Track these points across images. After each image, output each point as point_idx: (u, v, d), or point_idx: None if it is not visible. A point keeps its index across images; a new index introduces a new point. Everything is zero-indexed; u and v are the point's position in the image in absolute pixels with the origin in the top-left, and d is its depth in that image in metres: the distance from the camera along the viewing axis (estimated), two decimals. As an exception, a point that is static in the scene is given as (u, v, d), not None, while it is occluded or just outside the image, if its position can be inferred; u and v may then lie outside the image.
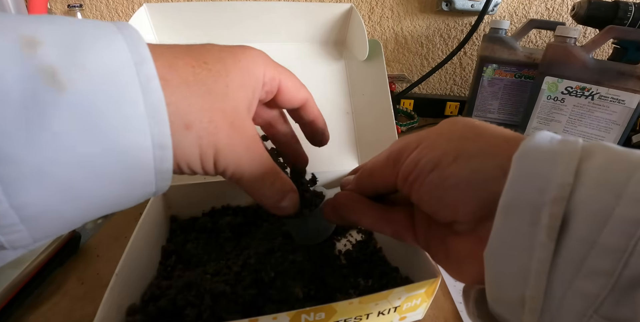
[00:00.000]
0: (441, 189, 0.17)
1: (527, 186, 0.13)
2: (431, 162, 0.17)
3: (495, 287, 0.15)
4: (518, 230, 0.13)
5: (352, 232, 0.38)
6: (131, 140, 0.14)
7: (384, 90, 0.40)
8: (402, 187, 0.19)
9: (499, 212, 0.14)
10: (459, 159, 0.16)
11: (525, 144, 0.14)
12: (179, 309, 0.26)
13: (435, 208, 0.18)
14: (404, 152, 0.19)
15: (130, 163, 0.14)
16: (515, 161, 0.14)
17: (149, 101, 0.14)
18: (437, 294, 0.31)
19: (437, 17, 0.79)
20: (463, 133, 0.18)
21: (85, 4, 0.80)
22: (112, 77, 0.13)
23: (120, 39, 0.14)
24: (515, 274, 0.14)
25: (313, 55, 0.44)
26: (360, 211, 0.22)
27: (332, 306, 0.22)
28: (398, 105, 0.79)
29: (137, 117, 0.14)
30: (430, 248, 0.21)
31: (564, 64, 0.54)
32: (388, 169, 0.20)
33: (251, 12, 0.40)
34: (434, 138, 0.18)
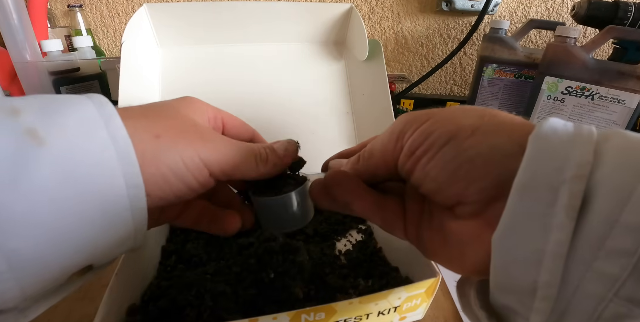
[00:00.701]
0: (455, 163, 0.16)
1: (544, 165, 0.13)
2: (446, 135, 0.16)
3: (503, 274, 0.14)
4: (534, 210, 0.13)
5: (352, 232, 0.38)
6: (106, 182, 0.15)
7: (384, 90, 0.40)
8: (404, 164, 0.18)
9: (514, 191, 0.14)
10: (476, 133, 0.16)
11: (541, 125, 0.14)
12: (179, 309, 0.26)
13: (442, 185, 0.17)
14: (411, 125, 0.18)
15: (107, 203, 0.15)
16: (532, 140, 0.14)
17: (118, 148, 0.16)
18: (437, 294, 0.31)
19: (437, 17, 0.79)
20: (478, 111, 0.17)
21: (85, 4, 0.80)
22: (84, 131, 0.15)
23: (89, 102, 0.16)
24: (528, 259, 0.13)
25: (313, 55, 0.45)
26: (355, 192, 0.20)
27: (332, 306, 0.22)
28: (398, 105, 0.79)
29: (110, 162, 0.15)
30: (421, 240, 0.19)
31: (564, 64, 0.54)
32: (391, 145, 0.19)
33: (251, 12, 0.40)
34: (448, 113, 0.18)
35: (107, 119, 0.16)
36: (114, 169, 0.15)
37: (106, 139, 0.15)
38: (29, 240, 0.14)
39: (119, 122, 0.16)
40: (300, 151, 0.41)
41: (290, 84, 0.43)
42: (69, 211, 0.14)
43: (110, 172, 0.15)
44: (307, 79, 0.44)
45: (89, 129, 0.15)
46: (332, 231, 0.37)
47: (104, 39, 0.85)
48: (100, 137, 0.15)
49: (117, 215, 0.16)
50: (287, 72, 0.44)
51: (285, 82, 0.43)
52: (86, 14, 0.81)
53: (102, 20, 0.83)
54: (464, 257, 0.17)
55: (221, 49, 0.42)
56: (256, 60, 0.43)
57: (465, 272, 0.18)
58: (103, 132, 0.15)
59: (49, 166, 0.14)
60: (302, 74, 0.44)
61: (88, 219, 0.15)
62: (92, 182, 0.15)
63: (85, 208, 0.15)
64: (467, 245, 0.17)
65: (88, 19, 0.82)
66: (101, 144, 0.15)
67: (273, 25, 0.42)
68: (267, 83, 0.43)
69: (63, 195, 0.14)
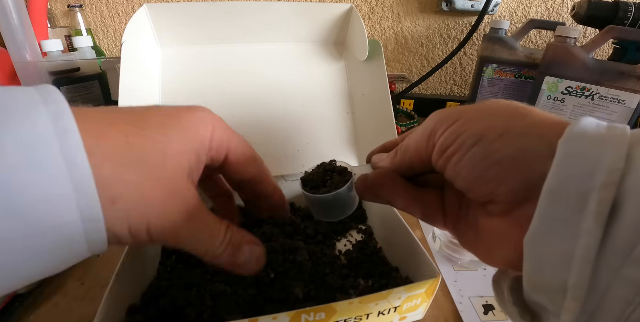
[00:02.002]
0: (484, 164, 0.16)
1: (574, 170, 0.13)
2: (475, 136, 0.16)
3: (535, 274, 0.14)
4: (563, 215, 0.13)
5: (352, 232, 0.38)
6: (57, 215, 0.13)
7: (384, 90, 0.40)
8: (436, 162, 0.18)
9: (544, 196, 0.14)
10: (505, 135, 0.16)
11: (571, 128, 0.14)
12: (179, 309, 0.26)
13: (472, 185, 0.17)
14: (442, 124, 0.18)
15: (58, 238, 0.14)
16: (562, 144, 0.14)
17: (74, 175, 0.13)
18: (437, 294, 0.31)
19: (437, 17, 0.79)
20: (509, 111, 0.17)
21: (85, 4, 0.80)
22: (32, 153, 0.13)
23: (43, 111, 0.13)
24: (558, 261, 0.13)
25: (313, 55, 0.45)
26: (396, 191, 0.21)
27: (332, 306, 0.22)
28: (398, 105, 0.79)
29: (62, 192, 0.13)
30: (458, 231, 0.20)
31: (564, 64, 0.54)
32: (424, 142, 0.19)
33: (251, 12, 0.40)
34: (478, 112, 0.18)
35: (63, 137, 0.13)
36: (69, 201, 0.13)
37: (60, 166, 0.13)
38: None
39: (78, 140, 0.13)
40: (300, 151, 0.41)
41: (290, 84, 0.43)
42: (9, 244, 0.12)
43: (64, 205, 0.13)
44: (307, 79, 0.44)
45: (38, 151, 0.13)
46: (332, 231, 0.37)
47: (104, 39, 0.85)
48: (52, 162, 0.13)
49: (70, 248, 0.14)
50: (287, 72, 0.44)
51: (285, 82, 0.43)
52: (86, 14, 0.81)
53: (102, 20, 0.83)
54: (493, 252, 0.18)
55: (221, 49, 0.42)
56: (256, 60, 0.43)
57: (495, 265, 0.18)
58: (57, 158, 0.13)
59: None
60: (302, 74, 0.44)
61: (34, 252, 0.13)
62: (40, 214, 0.13)
63: (31, 242, 0.13)
64: (496, 241, 0.17)
65: (88, 19, 0.82)
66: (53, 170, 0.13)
67: (273, 25, 0.42)
68: (267, 83, 0.43)
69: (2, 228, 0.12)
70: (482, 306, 0.30)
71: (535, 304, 0.15)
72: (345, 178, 0.25)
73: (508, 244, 0.16)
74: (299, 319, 0.22)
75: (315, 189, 0.25)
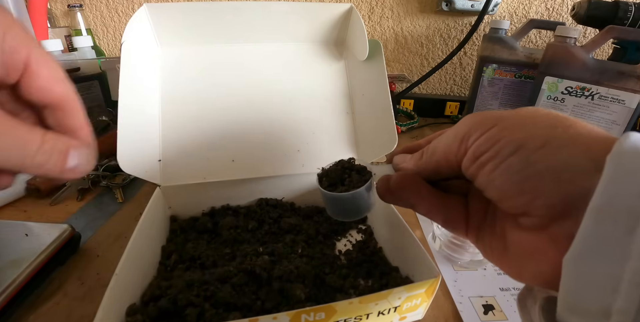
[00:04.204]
0: (522, 174, 0.15)
1: (624, 189, 0.12)
2: (514, 144, 0.16)
3: (574, 296, 0.14)
4: (610, 236, 0.12)
5: (352, 232, 0.38)
6: None
7: (384, 90, 0.40)
8: (467, 168, 0.18)
9: (589, 215, 0.13)
10: (547, 146, 0.15)
11: (621, 143, 0.13)
12: (179, 309, 0.26)
13: (506, 195, 0.16)
14: (477, 129, 0.17)
15: None
16: (611, 160, 0.13)
17: None
18: (437, 294, 0.31)
19: (437, 17, 0.79)
20: (551, 120, 0.16)
21: (85, 4, 0.80)
22: None
23: None
24: (602, 284, 0.13)
25: (313, 55, 0.45)
26: (420, 195, 0.21)
27: (332, 306, 0.22)
28: (398, 105, 0.79)
29: None
30: (482, 241, 0.19)
31: (564, 64, 0.54)
32: (455, 146, 0.18)
33: (251, 12, 0.40)
34: (518, 119, 0.17)
35: None
36: None
37: None
38: None
39: None
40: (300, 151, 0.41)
41: (290, 84, 0.43)
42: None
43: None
44: (307, 79, 0.44)
45: None
46: (332, 231, 0.37)
47: (104, 39, 0.85)
48: None
49: None
50: (287, 72, 0.44)
51: (285, 82, 0.43)
52: (86, 14, 0.81)
53: (102, 20, 0.83)
54: (523, 268, 0.17)
55: (221, 49, 0.42)
56: (256, 60, 0.43)
57: (523, 281, 0.18)
58: None
59: None
60: (302, 74, 0.44)
61: None
62: None
63: None
64: (528, 258, 0.16)
65: (88, 19, 0.82)
66: None
67: (273, 25, 0.42)
68: (267, 83, 0.43)
69: None
70: (482, 306, 0.30)
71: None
72: (364, 178, 0.24)
73: (541, 260, 0.16)
74: (299, 319, 0.22)
75: (333, 186, 0.25)
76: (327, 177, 0.25)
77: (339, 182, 0.25)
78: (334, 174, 0.25)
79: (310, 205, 0.41)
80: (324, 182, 0.25)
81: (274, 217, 0.38)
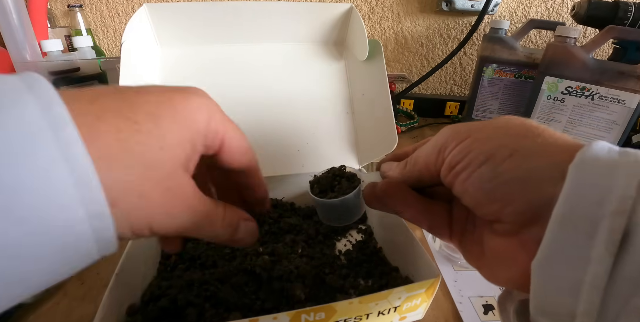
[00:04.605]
0: (492, 184, 0.16)
1: (585, 197, 0.13)
2: (484, 155, 0.16)
3: (542, 299, 0.14)
4: (572, 242, 0.13)
5: (352, 232, 0.38)
6: (61, 215, 0.12)
7: (384, 90, 0.40)
8: (445, 177, 0.18)
9: (553, 222, 0.13)
10: (515, 155, 0.16)
11: (583, 152, 0.14)
12: (179, 309, 0.26)
13: (479, 203, 0.17)
14: (452, 140, 0.18)
15: (66, 239, 0.13)
16: (573, 170, 0.13)
17: (73, 169, 0.12)
18: (437, 294, 0.31)
19: (437, 17, 0.79)
20: (521, 130, 0.17)
21: (85, 4, 0.80)
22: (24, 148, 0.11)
23: (30, 99, 0.12)
24: (567, 287, 0.13)
25: (313, 55, 0.45)
26: (405, 202, 0.22)
27: (332, 306, 0.22)
28: (398, 105, 0.79)
29: (63, 190, 0.12)
30: (464, 246, 0.20)
31: (564, 64, 0.54)
32: (433, 157, 0.19)
33: (251, 12, 0.40)
34: (489, 130, 0.18)
35: (56, 126, 0.12)
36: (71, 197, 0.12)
37: (56, 158, 0.12)
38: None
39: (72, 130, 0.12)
40: (300, 151, 0.41)
41: (290, 84, 0.43)
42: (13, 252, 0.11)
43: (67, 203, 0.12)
44: (307, 79, 0.44)
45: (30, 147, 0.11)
46: (332, 231, 0.37)
47: (104, 39, 0.85)
48: (48, 156, 0.12)
49: (78, 250, 0.13)
50: (287, 72, 0.44)
51: (285, 82, 0.43)
52: (86, 14, 0.81)
53: (102, 20, 0.83)
54: (497, 271, 0.18)
55: (221, 49, 0.42)
56: (256, 60, 0.43)
57: (498, 284, 0.18)
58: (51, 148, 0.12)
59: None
60: (302, 74, 0.44)
61: (44, 259, 0.12)
62: (43, 217, 0.12)
63: (39, 248, 0.12)
64: (501, 261, 0.17)
65: (88, 19, 0.82)
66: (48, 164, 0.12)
67: (273, 25, 0.42)
68: (267, 83, 0.43)
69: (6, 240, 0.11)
70: (482, 306, 0.30)
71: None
72: (353, 184, 0.25)
73: (513, 264, 0.16)
74: (299, 319, 0.22)
75: (323, 193, 0.26)
76: (319, 184, 0.26)
77: (329, 189, 0.26)
78: (325, 181, 0.26)
79: (310, 205, 0.41)
80: (315, 188, 0.26)
81: (274, 217, 0.38)
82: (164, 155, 0.16)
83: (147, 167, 0.15)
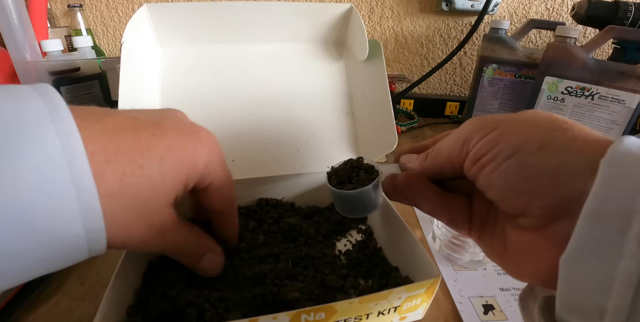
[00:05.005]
0: (519, 177, 0.16)
1: (617, 191, 0.13)
2: (512, 147, 0.16)
3: (571, 295, 0.14)
4: (604, 237, 0.13)
5: (352, 232, 0.38)
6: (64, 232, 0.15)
7: (384, 90, 0.40)
8: (469, 170, 0.18)
9: (583, 216, 0.13)
10: (544, 149, 0.15)
11: (615, 147, 0.14)
12: (179, 309, 0.26)
13: (505, 196, 0.17)
14: (477, 132, 0.18)
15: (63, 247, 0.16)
16: (605, 164, 0.13)
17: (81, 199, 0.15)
18: (437, 294, 0.31)
19: (437, 17, 0.79)
20: (549, 123, 0.17)
21: (85, 4, 0.80)
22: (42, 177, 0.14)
23: (53, 134, 0.15)
24: (597, 283, 0.13)
25: (313, 55, 0.45)
26: (425, 194, 0.21)
27: (332, 305, 0.22)
28: (398, 105, 0.79)
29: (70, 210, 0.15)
30: (484, 240, 0.20)
31: (564, 64, 0.54)
32: (457, 149, 0.19)
33: (251, 12, 0.40)
34: (516, 123, 0.17)
35: (71, 159, 0.15)
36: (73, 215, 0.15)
37: (68, 185, 0.15)
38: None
39: (85, 164, 0.15)
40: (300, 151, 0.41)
41: (290, 84, 0.43)
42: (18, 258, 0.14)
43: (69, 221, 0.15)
44: (307, 79, 0.44)
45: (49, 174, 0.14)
46: (332, 231, 0.37)
47: (104, 39, 0.85)
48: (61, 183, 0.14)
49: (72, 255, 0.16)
50: (287, 72, 0.44)
51: (285, 82, 0.43)
52: (86, 14, 0.81)
53: (102, 20, 0.83)
54: (521, 266, 0.17)
55: (221, 49, 0.42)
56: (256, 60, 0.43)
57: (522, 279, 0.18)
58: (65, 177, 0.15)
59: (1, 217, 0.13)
60: (302, 74, 0.44)
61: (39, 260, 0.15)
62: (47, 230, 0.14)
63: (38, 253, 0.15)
64: (525, 256, 0.17)
65: (88, 19, 0.82)
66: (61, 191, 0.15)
67: (273, 25, 0.42)
68: (266, 83, 0.43)
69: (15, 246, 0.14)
70: (482, 306, 0.30)
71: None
72: (371, 176, 0.25)
73: (538, 259, 0.16)
74: (299, 319, 0.22)
75: (341, 184, 0.26)
76: (336, 176, 0.26)
77: (347, 181, 0.26)
78: (342, 173, 0.26)
79: (310, 205, 0.41)
80: (333, 180, 0.26)
81: (274, 217, 0.38)
82: (157, 197, 0.19)
83: (140, 205, 0.18)
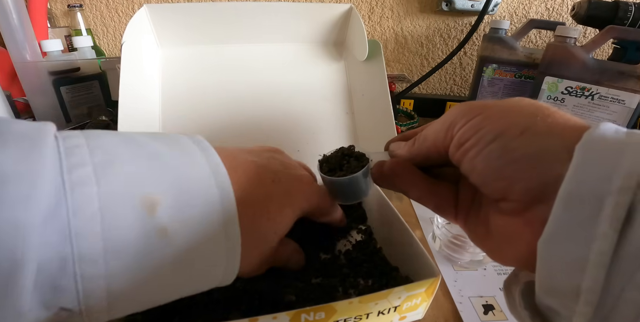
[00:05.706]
0: (501, 161, 0.16)
1: (591, 175, 0.13)
2: (494, 132, 0.16)
3: (548, 277, 0.14)
4: (578, 219, 0.13)
5: (352, 232, 0.38)
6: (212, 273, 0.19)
7: (384, 90, 0.40)
8: (453, 154, 0.19)
9: (559, 200, 0.14)
10: (526, 134, 0.16)
11: (590, 132, 0.14)
12: (179, 309, 0.26)
13: (487, 180, 0.17)
14: (462, 117, 0.18)
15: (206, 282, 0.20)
16: (579, 149, 0.14)
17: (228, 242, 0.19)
18: (437, 294, 0.31)
19: (437, 17, 0.79)
20: (532, 109, 0.17)
21: (85, 4, 0.80)
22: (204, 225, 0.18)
23: (215, 191, 0.19)
24: (572, 265, 0.13)
25: (313, 55, 0.45)
26: (412, 182, 0.22)
27: (332, 305, 0.22)
28: (398, 105, 0.79)
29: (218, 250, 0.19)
30: (469, 226, 0.20)
31: (564, 64, 0.54)
32: (442, 134, 0.19)
33: (251, 13, 0.40)
34: (500, 109, 0.18)
35: (226, 213, 0.19)
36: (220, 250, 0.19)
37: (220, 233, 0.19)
38: None
39: (235, 219, 0.19)
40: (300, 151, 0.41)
41: (290, 84, 0.43)
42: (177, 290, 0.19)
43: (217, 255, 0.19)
44: (307, 79, 0.44)
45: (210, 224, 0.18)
46: (332, 231, 0.37)
47: (104, 39, 0.85)
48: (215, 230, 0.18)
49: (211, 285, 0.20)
50: (287, 73, 0.44)
51: (285, 82, 0.43)
52: (86, 14, 0.81)
53: (102, 20, 0.83)
54: (503, 250, 0.18)
55: (221, 49, 0.42)
56: (256, 60, 0.43)
57: (504, 263, 0.19)
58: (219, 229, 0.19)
59: (171, 258, 0.17)
60: (302, 74, 0.44)
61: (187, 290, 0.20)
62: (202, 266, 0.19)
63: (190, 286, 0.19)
64: (507, 240, 0.17)
65: (88, 19, 0.82)
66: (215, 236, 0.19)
67: (273, 26, 0.42)
68: (267, 83, 0.43)
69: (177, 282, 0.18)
70: (482, 306, 0.30)
71: (547, 308, 0.15)
72: (362, 163, 0.25)
73: (519, 243, 0.16)
74: (299, 319, 0.22)
75: (332, 171, 0.26)
76: (327, 163, 0.27)
77: (337, 168, 0.26)
78: (333, 160, 0.27)
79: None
80: (324, 167, 0.27)
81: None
82: (275, 236, 0.23)
83: (259, 241, 0.22)
